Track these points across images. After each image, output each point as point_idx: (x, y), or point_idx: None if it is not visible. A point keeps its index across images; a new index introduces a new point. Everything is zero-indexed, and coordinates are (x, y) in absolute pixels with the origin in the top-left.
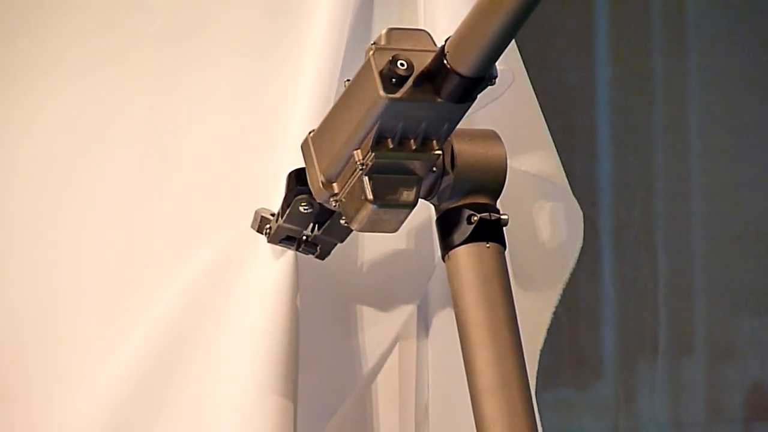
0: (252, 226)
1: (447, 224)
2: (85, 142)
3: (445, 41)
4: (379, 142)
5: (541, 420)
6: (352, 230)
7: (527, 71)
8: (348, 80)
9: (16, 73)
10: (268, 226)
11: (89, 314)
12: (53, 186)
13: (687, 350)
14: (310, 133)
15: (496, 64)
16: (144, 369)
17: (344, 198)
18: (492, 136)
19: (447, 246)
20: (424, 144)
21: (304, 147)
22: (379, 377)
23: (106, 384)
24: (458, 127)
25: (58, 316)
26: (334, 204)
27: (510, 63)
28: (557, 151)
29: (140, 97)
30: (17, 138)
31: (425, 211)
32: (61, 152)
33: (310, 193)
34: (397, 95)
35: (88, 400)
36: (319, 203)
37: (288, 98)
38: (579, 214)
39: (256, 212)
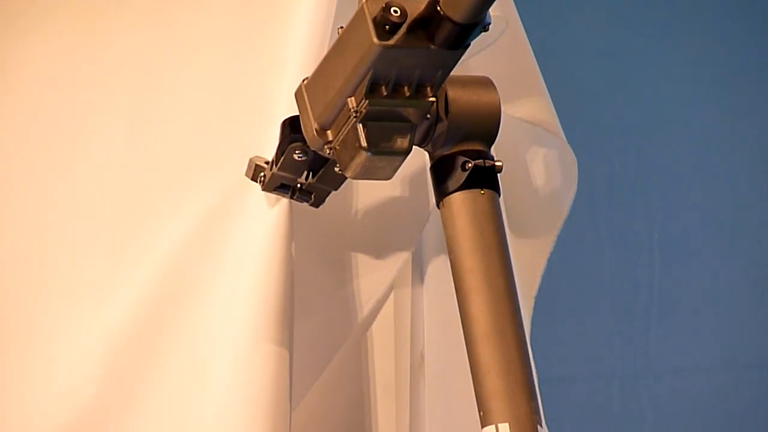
0: (246, 174)
1: (441, 171)
2: (78, 93)
3: None
4: (372, 90)
5: (535, 366)
6: (346, 178)
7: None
8: (341, 27)
9: (8, 32)
10: (262, 174)
11: (82, 264)
12: (45, 138)
13: (682, 298)
14: (303, 80)
15: (490, 10)
16: (138, 317)
17: (338, 145)
18: (486, 83)
19: (441, 193)
20: (418, 91)
21: (298, 95)
22: (375, 325)
23: (99, 333)
24: (452, 74)
25: (51, 266)
26: (328, 152)
27: (503, 10)
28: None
29: (133, 44)
30: (10, 90)
31: (420, 158)
32: (53, 103)
33: (304, 140)
34: (391, 42)
35: (81, 349)
36: (313, 151)
37: (282, 46)
38: (573, 160)
39: (250, 160)
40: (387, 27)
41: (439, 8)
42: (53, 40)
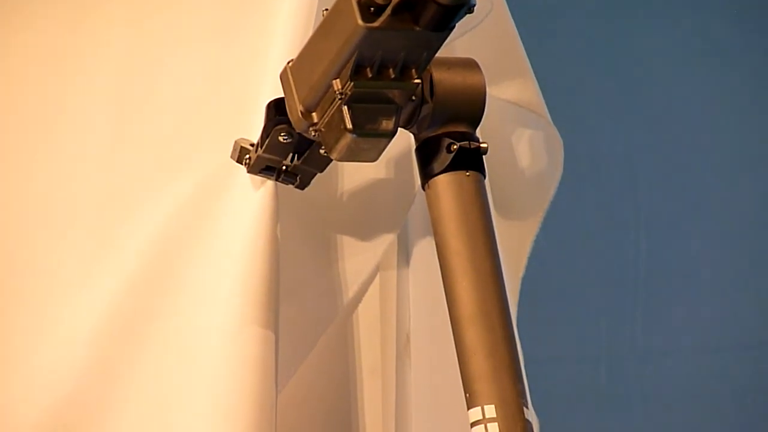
0: (231, 157)
1: (426, 153)
2: (63, 81)
3: None
4: (357, 71)
5: (522, 348)
6: (331, 160)
7: None
8: (326, 10)
9: None
10: (247, 156)
11: (68, 247)
12: (29, 125)
13: (668, 280)
14: (288, 62)
15: None
16: (124, 300)
17: (323, 128)
18: (471, 65)
19: (427, 175)
20: (403, 73)
21: (283, 77)
22: (360, 307)
23: (85, 317)
24: (437, 55)
25: (35, 252)
26: (313, 134)
27: None
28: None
29: (119, 32)
30: None
31: (405, 140)
32: (36, 91)
33: (289, 122)
34: (376, 24)
35: (67, 333)
36: (299, 133)
37: (267, 28)
38: (559, 142)
39: (236, 142)
40: (372, 9)
41: None
42: (37, 27)
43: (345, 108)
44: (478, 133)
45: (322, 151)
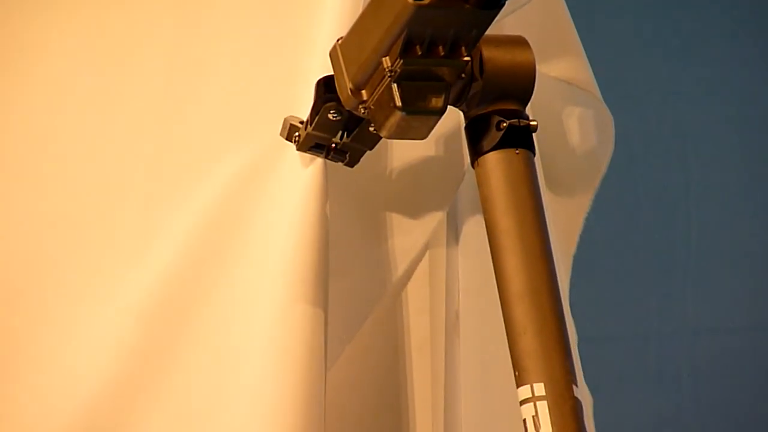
0: (281, 134)
1: (476, 131)
2: (112, 53)
3: None
4: (407, 49)
5: (573, 326)
6: (381, 137)
7: None
8: None
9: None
10: (296, 133)
11: (117, 225)
12: (76, 101)
13: (719, 257)
14: (338, 40)
15: None
16: (172, 278)
17: (373, 105)
18: (521, 42)
19: (476, 152)
20: (453, 50)
21: (333, 54)
22: (410, 285)
23: (135, 293)
24: (487, 33)
25: (84, 229)
26: (362, 111)
27: None
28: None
29: (168, 9)
30: (43, 53)
31: (454, 118)
32: (84, 66)
33: (338, 100)
34: (425, 2)
35: (119, 308)
36: (348, 110)
37: (316, 6)
38: (609, 119)
39: (285, 120)
40: None
41: None
42: (90, 12)
43: (394, 86)
44: (528, 110)
45: (371, 129)
